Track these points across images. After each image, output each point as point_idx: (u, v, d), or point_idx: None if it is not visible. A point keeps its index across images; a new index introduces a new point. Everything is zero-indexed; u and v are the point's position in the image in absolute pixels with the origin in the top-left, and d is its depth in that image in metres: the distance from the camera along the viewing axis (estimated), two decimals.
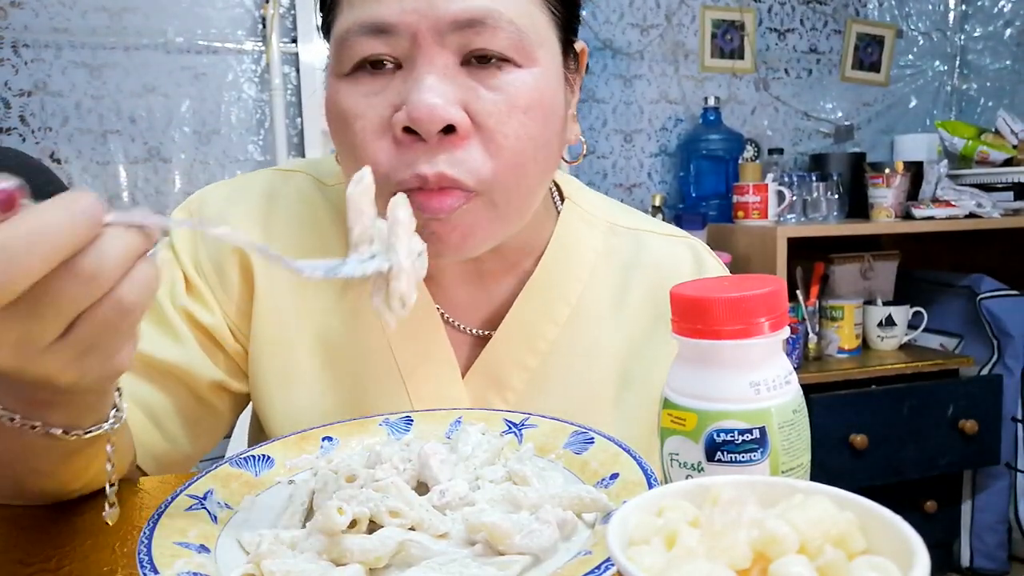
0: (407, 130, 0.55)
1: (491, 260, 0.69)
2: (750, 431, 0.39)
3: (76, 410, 0.47)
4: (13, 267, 0.32)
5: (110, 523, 0.52)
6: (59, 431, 0.46)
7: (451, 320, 0.71)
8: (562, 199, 0.75)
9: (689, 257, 0.74)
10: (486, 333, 0.71)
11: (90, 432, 0.48)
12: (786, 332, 0.41)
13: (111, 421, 0.49)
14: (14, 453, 0.50)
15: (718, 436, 0.39)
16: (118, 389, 0.50)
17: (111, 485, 0.49)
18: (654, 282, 0.72)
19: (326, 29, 0.62)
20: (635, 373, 0.71)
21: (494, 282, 0.71)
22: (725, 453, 0.39)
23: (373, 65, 0.57)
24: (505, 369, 0.69)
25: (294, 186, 0.72)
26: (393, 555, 0.42)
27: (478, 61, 0.56)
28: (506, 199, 0.59)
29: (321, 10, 0.63)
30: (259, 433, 0.76)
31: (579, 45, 0.66)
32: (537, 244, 0.71)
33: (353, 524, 0.43)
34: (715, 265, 0.75)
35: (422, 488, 0.51)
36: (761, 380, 0.40)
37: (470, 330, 0.71)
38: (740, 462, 0.39)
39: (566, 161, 0.72)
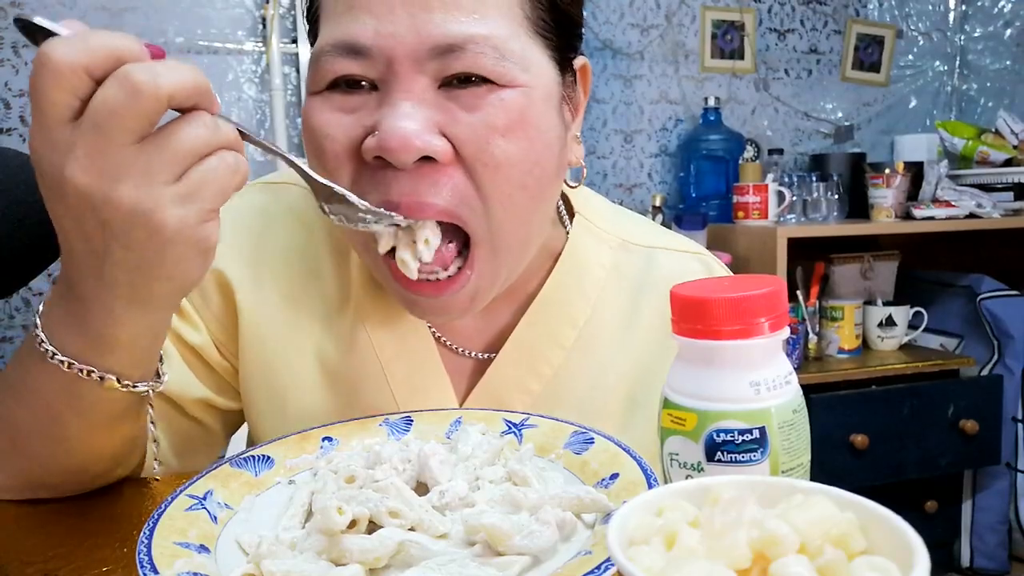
0: (379, 159, 0.53)
1: None
2: (750, 431, 0.39)
3: (130, 356, 0.50)
4: (160, 83, 0.40)
5: (159, 479, 0.62)
6: (113, 378, 0.50)
7: (451, 345, 0.68)
8: (571, 214, 0.72)
9: (702, 272, 0.71)
10: (488, 356, 0.68)
11: (137, 387, 0.52)
12: (786, 332, 0.41)
13: (154, 382, 0.54)
14: (56, 413, 0.52)
15: (718, 436, 0.39)
16: (160, 359, 0.55)
17: (155, 442, 0.58)
18: (664, 301, 0.68)
19: (312, 42, 0.60)
20: (643, 395, 0.69)
21: (495, 307, 0.67)
22: (725, 453, 0.39)
23: (348, 84, 0.55)
24: (507, 394, 0.67)
25: (285, 203, 0.71)
26: (393, 555, 0.42)
27: (458, 82, 0.53)
28: (501, 238, 0.57)
29: (308, 21, 0.60)
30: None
31: (579, 62, 0.62)
32: (543, 264, 0.68)
33: (353, 524, 0.43)
34: None
35: (422, 489, 0.51)
36: (761, 380, 0.39)
37: (472, 354, 0.69)
38: (740, 462, 0.39)
39: (568, 185, 0.69)
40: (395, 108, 0.52)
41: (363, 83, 0.54)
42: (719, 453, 0.39)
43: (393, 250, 0.56)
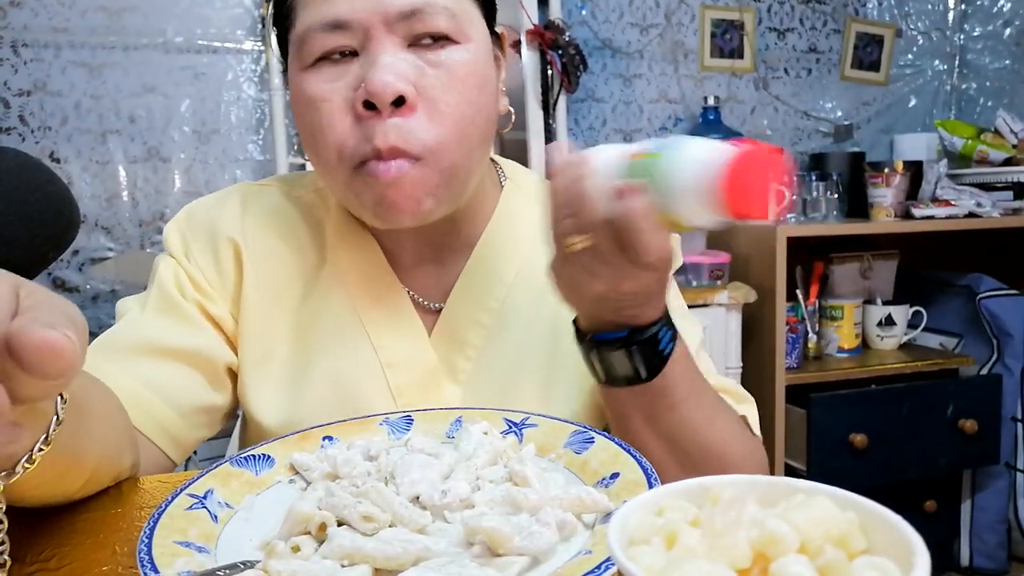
0: (366, 105, 0.64)
1: (448, 235, 0.76)
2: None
3: None
4: None
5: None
6: None
7: (417, 298, 0.78)
8: (504, 178, 0.84)
9: None
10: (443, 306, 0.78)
11: None
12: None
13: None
14: None
15: None
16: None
17: None
18: None
19: (283, 33, 0.70)
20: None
21: (451, 257, 0.78)
22: None
23: (332, 56, 0.66)
24: (464, 328, 0.76)
25: (265, 196, 0.81)
26: (409, 560, 0.43)
27: (422, 41, 0.66)
28: (450, 162, 0.67)
29: (276, 17, 0.71)
30: (246, 431, 0.81)
31: (499, 30, 0.76)
32: (485, 216, 0.80)
33: (323, 529, 0.45)
34: None
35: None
36: None
37: (434, 305, 0.78)
38: None
39: (498, 132, 0.79)
40: (376, 63, 0.63)
41: (345, 52, 0.66)
42: None
43: (363, 163, 0.65)
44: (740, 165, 0.46)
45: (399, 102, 0.64)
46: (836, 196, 2.13)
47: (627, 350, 0.60)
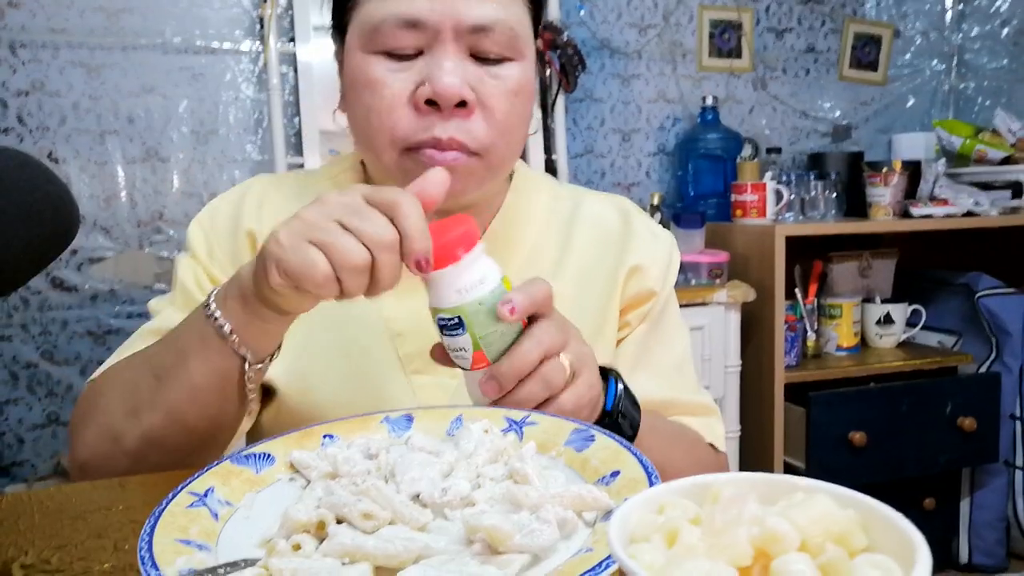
0: (428, 102, 0.69)
1: None
2: (453, 318, 0.61)
3: (263, 338, 0.64)
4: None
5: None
6: (247, 353, 0.64)
7: None
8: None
9: (616, 214, 0.89)
10: None
11: (254, 368, 0.65)
12: (477, 249, 0.60)
13: (267, 362, 0.66)
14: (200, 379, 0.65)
15: (440, 321, 0.62)
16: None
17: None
18: (590, 234, 0.87)
19: (342, 6, 0.74)
20: (585, 302, 0.84)
21: None
22: (444, 330, 0.62)
23: (397, 51, 0.71)
24: None
25: (283, 185, 0.85)
26: (410, 558, 0.43)
27: (483, 56, 0.72)
28: (498, 160, 0.74)
29: None
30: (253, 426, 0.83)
31: (538, 43, 0.81)
32: (498, 205, 0.85)
33: (322, 527, 0.45)
34: (641, 220, 0.89)
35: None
36: (462, 287, 0.60)
37: None
38: (452, 334, 0.62)
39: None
40: (443, 66, 0.69)
41: (411, 49, 0.71)
42: (442, 331, 0.62)
43: (418, 147, 0.72)
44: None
45: (460, 104, 0.70)
46: (835, 195, 2.14)
47: (628, 397, 0.69)
